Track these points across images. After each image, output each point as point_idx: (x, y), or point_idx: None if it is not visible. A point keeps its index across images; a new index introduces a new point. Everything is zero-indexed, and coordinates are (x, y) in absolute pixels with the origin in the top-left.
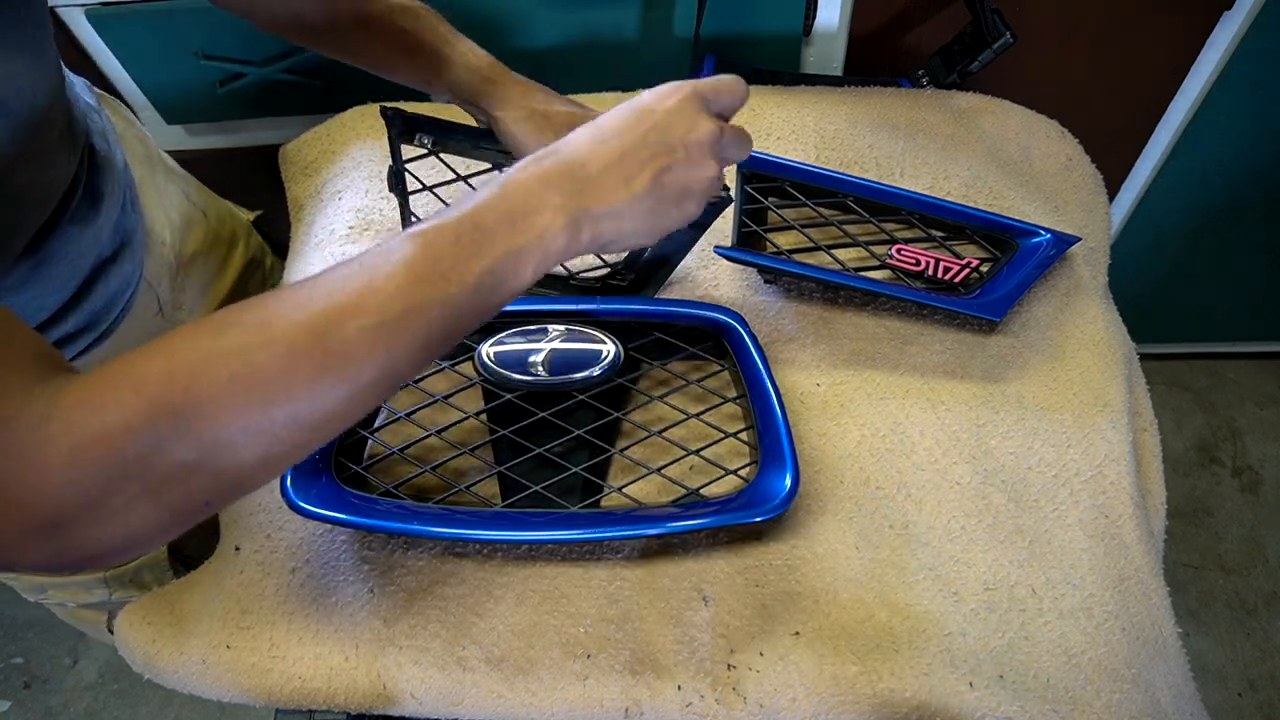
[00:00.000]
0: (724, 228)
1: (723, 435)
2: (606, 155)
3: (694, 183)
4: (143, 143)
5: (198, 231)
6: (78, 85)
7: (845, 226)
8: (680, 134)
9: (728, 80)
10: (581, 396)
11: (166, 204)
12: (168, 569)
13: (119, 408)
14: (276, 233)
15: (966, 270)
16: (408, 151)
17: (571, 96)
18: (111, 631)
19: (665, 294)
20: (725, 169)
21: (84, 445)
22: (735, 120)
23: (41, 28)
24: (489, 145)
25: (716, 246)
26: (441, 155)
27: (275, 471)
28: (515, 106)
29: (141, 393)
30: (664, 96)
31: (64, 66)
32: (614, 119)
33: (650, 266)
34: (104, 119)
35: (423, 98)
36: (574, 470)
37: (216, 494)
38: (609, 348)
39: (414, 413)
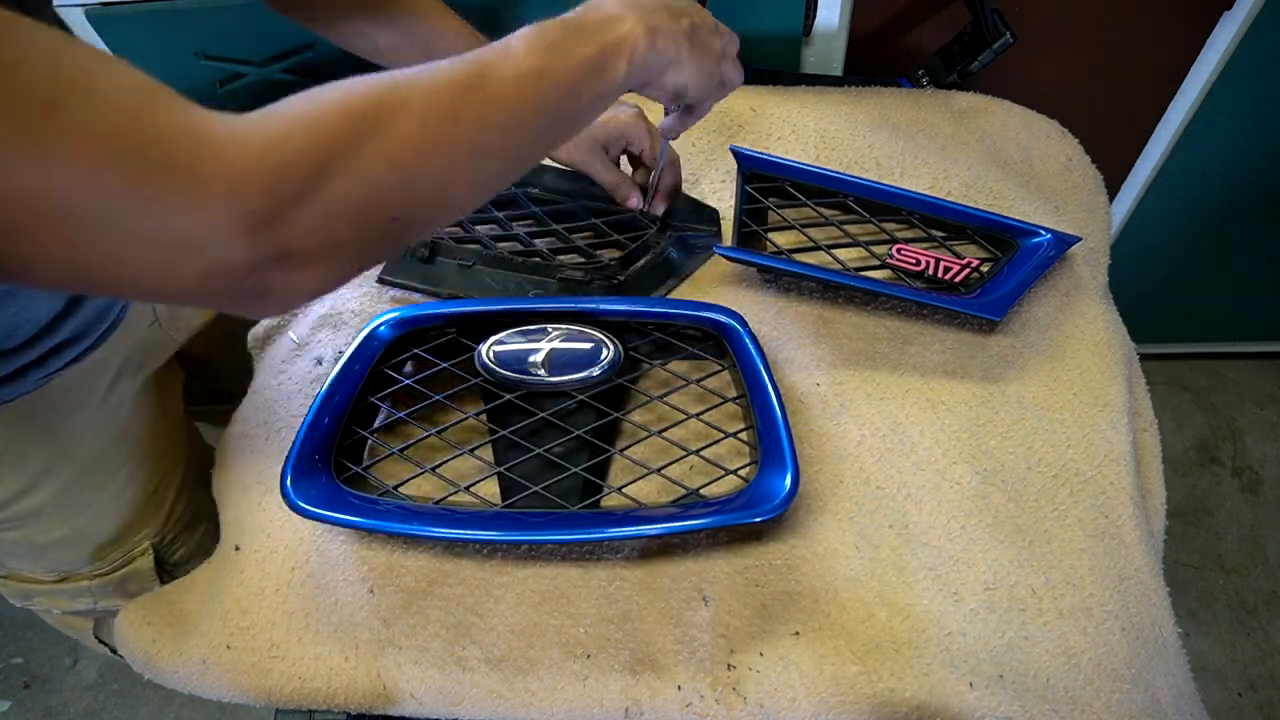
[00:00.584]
0: (724, 227)
1: (723, 435)
2: (650, 2)
3: (714, 44)
4: None
5: None
6: None
7: (845, 226)
8: (684, 5)
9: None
10: (581, 397)
11: None
12: (154, 578)
13: (314, 112)
14: None
15: (967, 270)
16: None
17: None
18: (99, 639)
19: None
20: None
21: (285, 136)
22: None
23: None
24: None
25: (717, 246)
26: None
27: (458, 208)
28: None
29: (333, 105)
30: None
31: None
32: None
33: (653, 273)
34: None
35: None
36: (574, 470)
37: (404, 213)
38: (609, 348)
39: (414, 413)
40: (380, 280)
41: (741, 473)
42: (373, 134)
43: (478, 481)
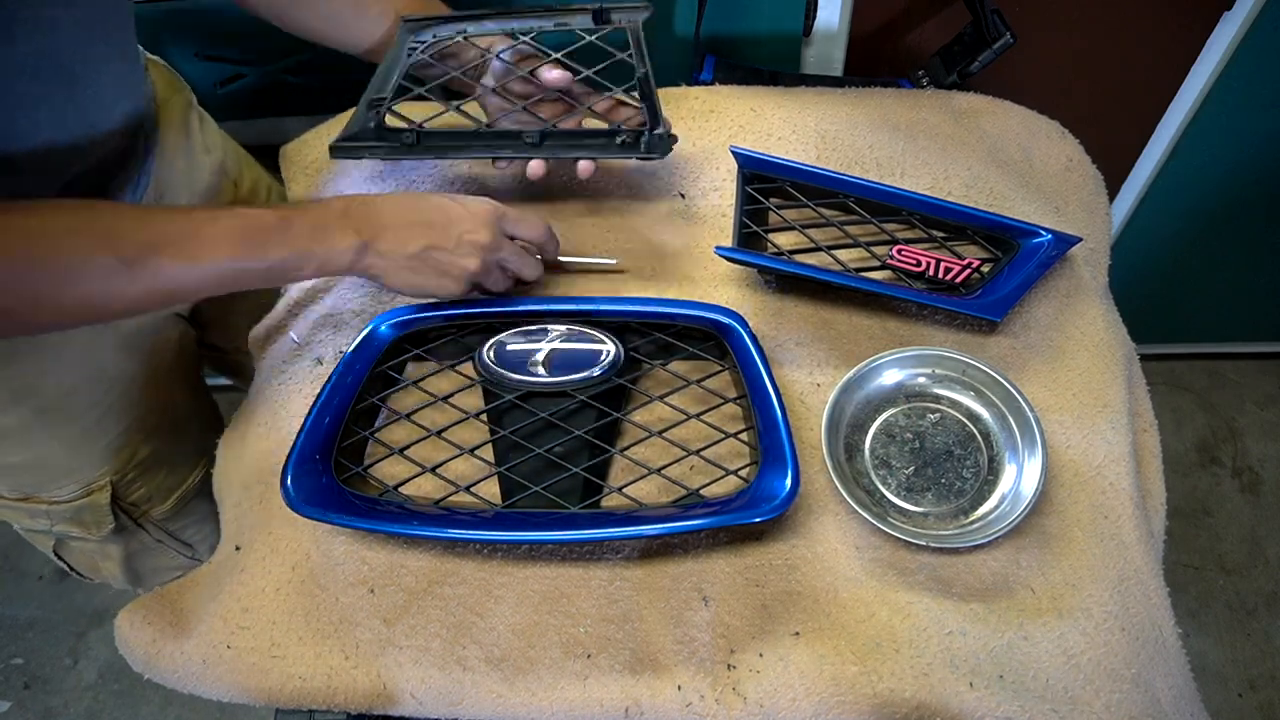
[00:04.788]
0: (725, 227)
1: (723, 436)
2: (398, 217)
3: (454, 268)
4: (183, 111)
5: (220, 201)
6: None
7: (846, 227)
8: (459, 230)
9: (534, 222)
10: (581, 397)
11: (193, 174)
12: (108, 513)
13: None
14: None
15: (967, 271)
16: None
17: None
18: (58, 556)
19: (665, 294)
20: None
21: None
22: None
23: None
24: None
25: (717, 247)
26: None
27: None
28: None
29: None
30: (470, 202)
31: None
32: (418, 196)
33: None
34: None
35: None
36: (574, 471)
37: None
38: (609, 348)
39: (414, 413)
40: (335, 154)
41: (741, 473)
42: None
43: (478, 482)
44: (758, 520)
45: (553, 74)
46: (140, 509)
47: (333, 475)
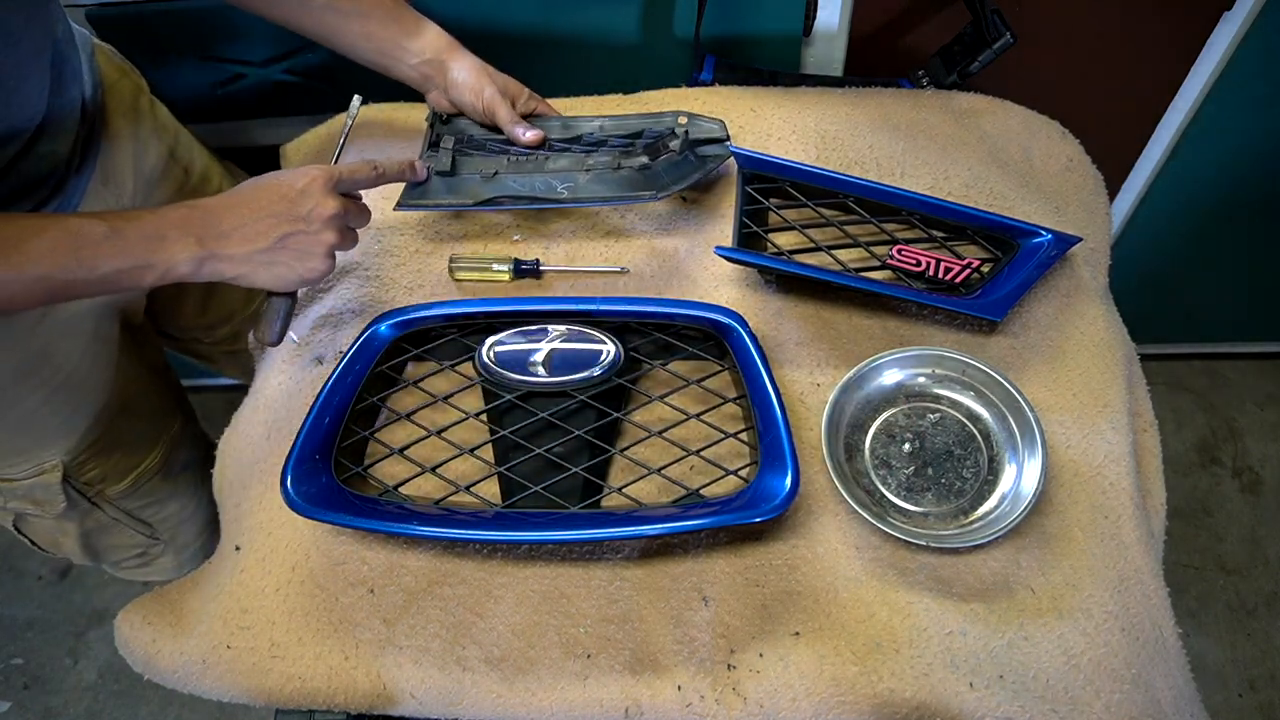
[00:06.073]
0: (724, 228)
1: (723, 436)
2: (239, 215)
3: (314, 246)
4: (133, 96)
5: (168, 185)
6: (76, 36)
7: (846, 227)
8: (306, 208)
9: (359, 165)
10: (582, 397)
11: (141, 158)
12: (60, 492)
13: None
14: None
15: (967, 271)
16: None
17: (576, 98)
18: (16, 529)
19: (665, 294)
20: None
21: None
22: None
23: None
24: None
25: (717, 247)
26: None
27: None
28: (471, 67)
29: None
30: (299, 175)
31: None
32: (253, 188)
33: (677, 168)
34: (90, 68)
35: (417, 97)
36: (574, 471)
37: None
38: (609, 348)
39: (414, 413)
40: (400, 207)
41: (741, 473)
42: None
43: (478, 482)
44: (758, 520)
45: (528, 135)
46: (94, 488)
47: (333, 475)
